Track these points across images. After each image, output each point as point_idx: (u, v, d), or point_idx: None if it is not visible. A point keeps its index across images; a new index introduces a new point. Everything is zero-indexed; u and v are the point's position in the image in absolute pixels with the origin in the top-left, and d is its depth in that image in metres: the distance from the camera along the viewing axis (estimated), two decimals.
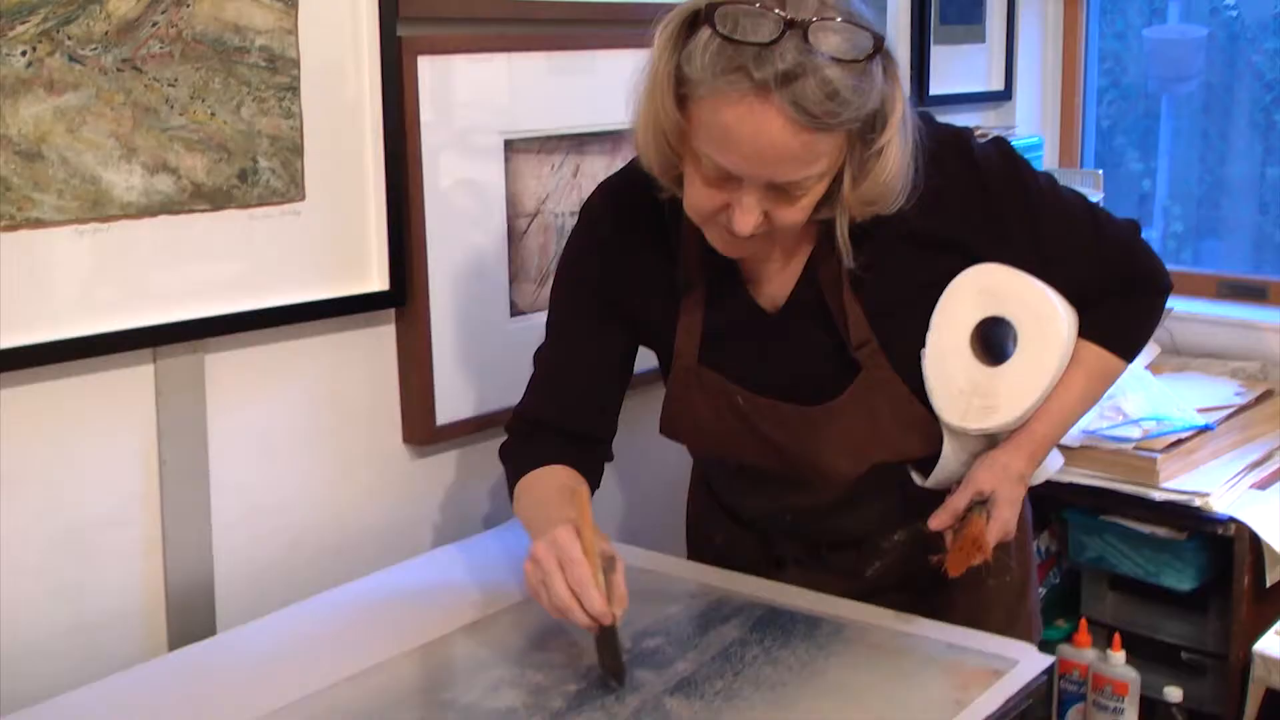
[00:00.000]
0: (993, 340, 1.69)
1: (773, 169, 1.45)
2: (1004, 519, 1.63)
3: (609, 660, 1.54)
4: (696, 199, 1.53)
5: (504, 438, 1.87)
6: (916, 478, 1.74)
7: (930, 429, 1.70)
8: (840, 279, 1.65)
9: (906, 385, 1.68)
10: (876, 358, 1.67)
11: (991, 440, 1.71)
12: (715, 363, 1.74)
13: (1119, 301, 1.73)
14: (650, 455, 1.98)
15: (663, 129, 1.50)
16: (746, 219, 1.49)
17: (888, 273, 1.64)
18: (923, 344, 1.68)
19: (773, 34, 1.37)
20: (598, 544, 1.55)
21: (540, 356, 1.84)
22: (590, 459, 1.80)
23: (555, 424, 1.79)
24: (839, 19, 1.40)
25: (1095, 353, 1.72)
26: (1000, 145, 1.68)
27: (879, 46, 1.42)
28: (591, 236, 1.78)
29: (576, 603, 1.50)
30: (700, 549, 2.01)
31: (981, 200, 1.64)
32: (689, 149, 1.50)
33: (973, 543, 1.61)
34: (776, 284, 1.70)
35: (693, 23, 1.44)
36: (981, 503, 1.64)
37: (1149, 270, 1.76)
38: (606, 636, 1.53)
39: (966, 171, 1.62)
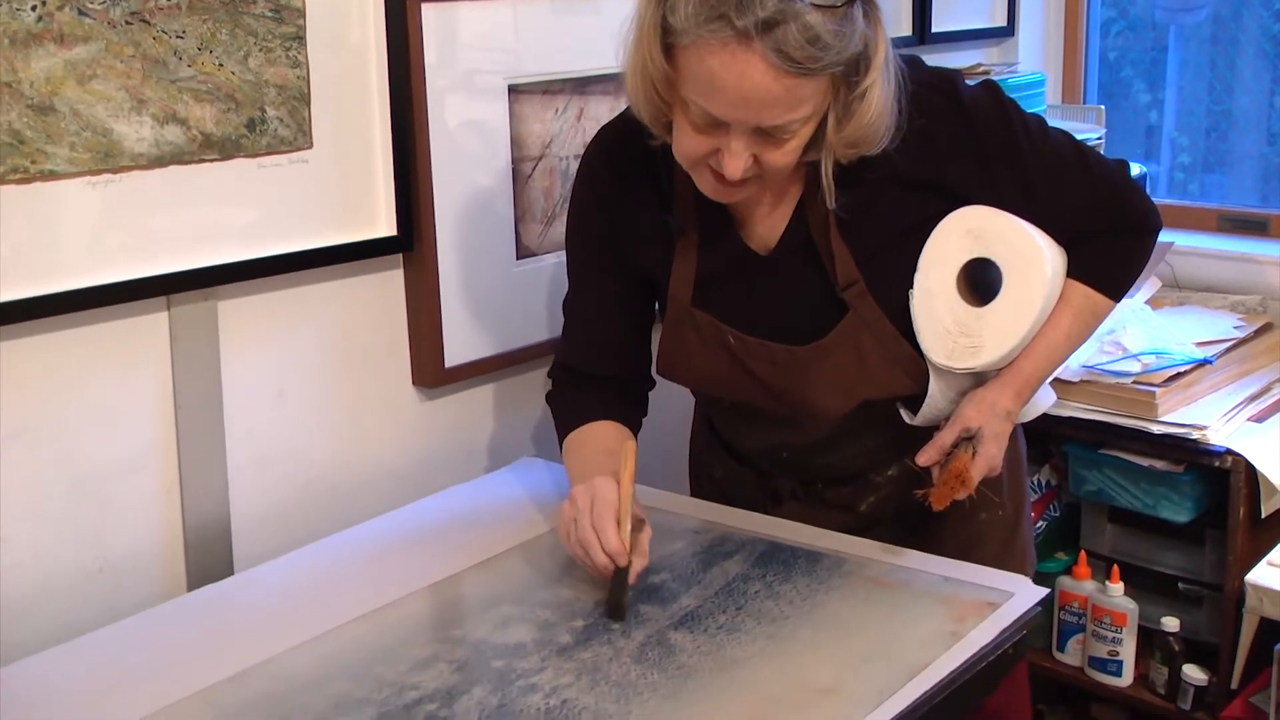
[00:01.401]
0: (980, 281, 1.71)
1: (757, 114, 1.48)
2: (990, 454, 1.67)
3: (614, 601, 1.59)
4: (686, 145, 1.57)
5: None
6: (905, 415, 1.77)
7: (917, 367, 1.73)
8: (828, 220, 1.68)
9: (894, 325, 1.72)
10: (864, 298, 1.70)
11: (978, 379, 1.74)
12: (708, 304, 1.78)
13: (1108, 241, 1.75)
14: (654, 393, 2.01)
15: (650, 78, 1.55)
16: (735, 163, 1.53)
17: (875, 214, 1.68)
18: (910, 284, 1.72)
19: None
20: (633, 506, 1.63)
21: (566, 305, 1.91)
22: (631, 396, 1.89)
23: (590, 369, 1.87)
24: None
25: (1083, 292, 1.75)
26: (989, 87, 1.70)
27: None
28: (590, 186, 1.83)
29: (596, 539, 1.58)
30: (701, 484, 2.06)
31: (969, 142, 1.66)
32: (677, 97, 1.54)
33: (956, 477, 1.65)
34: (767, 226, 1.74)
35: None
36: (968, 438, 1.67)
37: (1138, 210, 1.77)
38: (618, 579, 1.59)
39: (954, 114, 1.65)
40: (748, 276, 1.76)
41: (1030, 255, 1.69)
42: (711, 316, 1.77)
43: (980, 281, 1.71)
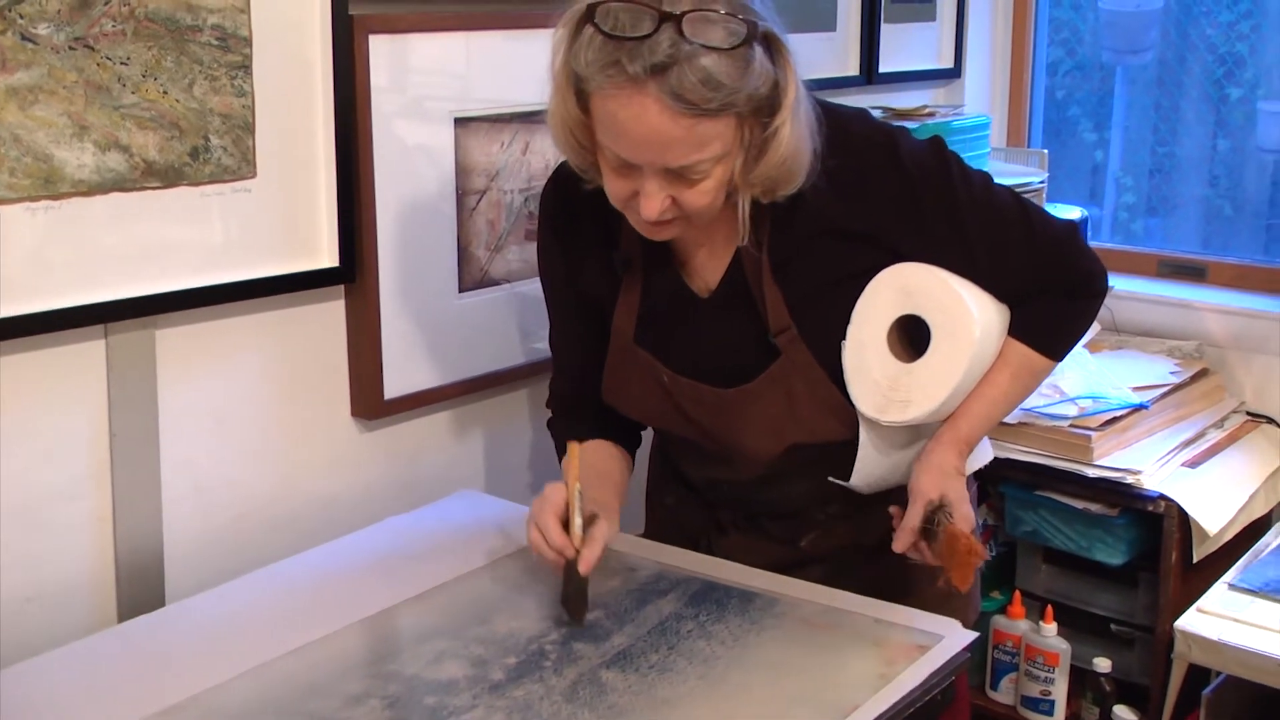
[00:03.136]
0: (916, 336, 1.73)
1: (660, 154, 1.52)
2: (966, 515, 1.69)
3: (567, 593, 1.67)
4: (609, 187, 1.62)
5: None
6: (840, 483, 1.78)
7: (848, 413, 1.75)
8: (762, 265, 1.70)
9: (825, 371, 1.73)
10: (796, 344, 1.72)
11: (911, 431, 1.75)
12: (647, 342, 1.81)
13: (1051, 301, 1.75)
14: None
15: (568, 124, 1.59)
16: (649, 204, 1.57)
17: (810, 262, 1.70)
18: (843, 334, 1.73)
19: (649, 28, 1.45)
20: (587, 505, 1.69)
21: (549, 339, 1.97)
22: (622, 420, 1.92)
23: (579, 397, 1.92)
24: (721, 10, 1.47)
25: (1021, 351, 1.75)
26: (934, 144, 1.71)
27: (752, 33, 1.49)
28: (547, 228, 1.89)
29: (541, 537, 1.65)
30: (654, 509, 2.10)
31: (908, 199, 1.68)
32: (594, 141, 1.58)
33: (967, 552, 1.65)
34: (707, 268, 1.77)
35: (580, 22, 1.52)
36: (937, 509, 1.68)
37: (1083, 271, 1.77)
38: (569, 573, 1.66)
39: (893, 170, 1.67)
40: (686, 317, 1.78)
41: (958, 316, 1.70)
42: (649, 355, 1.80)
43: (915, 336, 1.73)
